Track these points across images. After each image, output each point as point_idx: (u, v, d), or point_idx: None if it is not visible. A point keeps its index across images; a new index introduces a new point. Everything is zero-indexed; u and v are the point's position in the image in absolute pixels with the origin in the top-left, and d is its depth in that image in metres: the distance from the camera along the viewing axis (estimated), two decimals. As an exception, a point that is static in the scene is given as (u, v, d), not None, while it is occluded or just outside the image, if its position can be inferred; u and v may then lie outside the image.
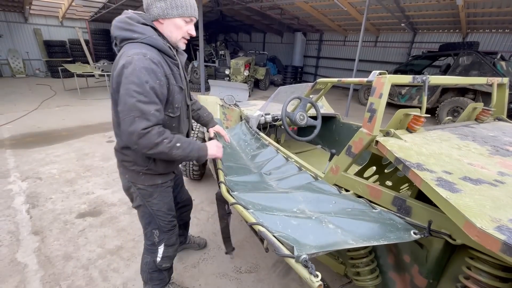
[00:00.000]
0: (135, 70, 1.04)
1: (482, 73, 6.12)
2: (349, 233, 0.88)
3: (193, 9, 1.19)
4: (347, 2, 8.57)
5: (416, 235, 0.88)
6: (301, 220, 0.96)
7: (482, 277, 0.86)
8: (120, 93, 1.07)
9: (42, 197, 2.82)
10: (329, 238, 0.85)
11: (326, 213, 1.03)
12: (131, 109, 1.05)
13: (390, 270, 1.28)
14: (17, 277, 1.87)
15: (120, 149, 1.31)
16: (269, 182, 1.45)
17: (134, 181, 1.34)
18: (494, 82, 1.61)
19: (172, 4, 1.13)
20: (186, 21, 1.19)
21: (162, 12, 1.14)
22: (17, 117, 5.45)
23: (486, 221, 0.66)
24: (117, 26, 1.14)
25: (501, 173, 0.90)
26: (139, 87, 1.04)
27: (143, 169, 1.30)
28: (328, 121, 3.02)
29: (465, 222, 0.68)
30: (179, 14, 1.15)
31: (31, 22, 10.89)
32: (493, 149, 1.14)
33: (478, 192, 0.78)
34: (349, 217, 0.99)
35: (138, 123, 1.05)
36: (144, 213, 1.44)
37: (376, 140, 1.17)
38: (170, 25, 1.17)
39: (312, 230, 0.88)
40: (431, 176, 0.86)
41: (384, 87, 1.16)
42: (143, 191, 1.36)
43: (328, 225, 0.92)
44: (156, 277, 1.61)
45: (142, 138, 1.06)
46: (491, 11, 7.30)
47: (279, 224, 0.92)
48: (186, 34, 1.22)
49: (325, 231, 0.89)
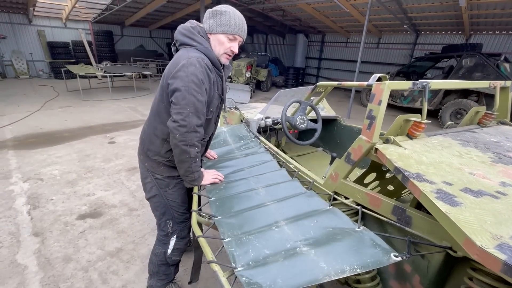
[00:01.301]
0: (195, 71, 1.18)
1: (486, 75, 6.07)
2: (323, 261, 0.86)
3: (238, 28, 1.29)
4: (349, 4, 8.56)
5: (396, 257, 0.85)
6: (275, 247, 0.95)
7: (484, 288, 0.85)
8: (178, 87, 1.18)
9: (43, 198, 2.83)
10: (297, 271, 0.83)
11: (303, 235, 1.01)
12: (188, 104, 1.18)
13: (391, 279, 1.26)
14: (16, 278, 1.87)
15: (149, 137, 1.40)
16: (257, 189, 1.42)
17: (153, 171, 1.43)
18: (497, 86, 1.59)
19: (217, 21, 1.27)
20: (229, 38, 1.30)
21: (209, 28, 1.29)
22: (20, 118, 5.49)
23: (486, 239, 0.63)
24: (181, 32, 1.29)
25: (503, 183, 0.88)
26: (198, 87, 1.19)
27: (164, 160, 1.40)
28: (329, 124, 3.00)
29: (465, 239, 0.66)
30: (222, 31, 1.27)
31: (35, 24, 10.99)
32: (495, 156, 1.12)
33: (479, 206, 0.75)
34: (327, 238, 0.98)
35: (192, 118, 1.19)
36: (159, 203, 1.50)
37: (375, 148, 1.16)
38: (215, 40, 1.30)
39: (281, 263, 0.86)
40: (431, 187, 0.83)
41: (383, 93, 1.14)
42: (160, 181, 1.44)
43: (301, 254, 0.91)
44: (163, 271, 1.65)
45: (190, 132, 1.21)
46: (495, 12, 7.25)
47: (251, 252, 0.93)
48: (228, 51, 1.32)
49: (295, 262, 0.87)
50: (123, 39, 14.05)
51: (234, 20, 1.27)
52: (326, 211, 1.19)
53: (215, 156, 1.85)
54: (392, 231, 1.19)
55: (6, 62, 10.59)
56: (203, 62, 1.21)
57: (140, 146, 1.48)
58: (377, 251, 0.89)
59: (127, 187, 3.13)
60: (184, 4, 10.99)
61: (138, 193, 3.01)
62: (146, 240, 2.30)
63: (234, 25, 1.27)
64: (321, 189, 1.43)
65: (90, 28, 12.36)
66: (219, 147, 2.08)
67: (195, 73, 1.18)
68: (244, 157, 1.87)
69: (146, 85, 10.12)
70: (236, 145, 2.13)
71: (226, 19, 1.26)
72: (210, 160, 1.80)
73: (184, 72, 1.18)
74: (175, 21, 13.56)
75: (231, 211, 1.23)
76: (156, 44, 15.64)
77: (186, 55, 1.22)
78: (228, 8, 1.28)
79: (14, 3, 9.41)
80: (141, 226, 2.47)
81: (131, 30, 14.17)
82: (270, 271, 0.83)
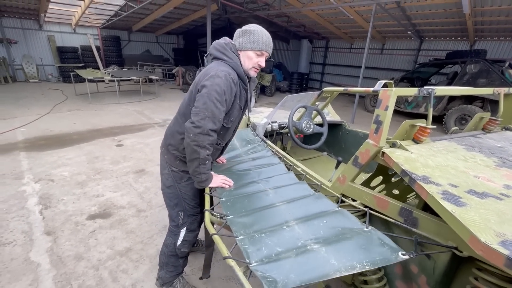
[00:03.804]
0: (220, 82, 1.31)
1: (490, 81, 6.08)
2: (334, 258, 0.89)
3: (265, 44, 1.42)
4: (354, 10, 8.66)
5: (404, 256, 0.89)
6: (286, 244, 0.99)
7: None
8: (202, 93, 1.32)
9: (54, 198, 2.91)
10: (309, 267, 0.86)
11: (314, 235, 1.04)
12: (207, 109, 1.30)
13: (397, 279, 1.29)
14: (30, 275, 1.93)
15: (172, 133, 1.54)
16: (267, 191, 1.47)
17: (170, 163, 1.57)
18: (501, 92, 1.62)
19: (246, 39, 1.41)
20: (257, 54, 1.43)
21: (239, 45, 1.44)
22: (30, 121, 5.62)
23: (490, 236, 0.67)
24: (215, 47, 1.44)
25: (506, 186, 0.91)
26: (219, 96, 1.31)
27: (180, 155, 1.53)
28: (334, 128, 3.04)
29: (470, 237, 0.69)
30: (251, 48, 1.41)
31: (46, 29, 11.28)
32: (500, 160, 1.15)
33: (484, 206, 0.79)
34: (337, 237, 1.01)
35: (207, 122, 1.30)
36: (173, 195, 1.62)
37: (382, 152, 1.20)
38: (244, 56, 1.44)
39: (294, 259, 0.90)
40: (437, 189, 0.87)
41: (390, 99, 1.19)
42: (176, 173, 1.58)
43: (312, 251, 0.94)
44: (172, 263, 1.75)
45: (203, 135, 1.30)
46: (499, 19, 7.28)
47: (264, 250, 0.96)
48: (256, 65, 1.46)
49: (307, 259, 0.90)
50: (130, 44, 14.32)
51: (262, 38, 1.41)
52: (335, 212, 1.22)
53: (224, 160, 1.90)
54: (398, 233, 1.22)
55: (17, 66, 10.85)
56: (229, 77, 1.35)
57: (164, 140, 1.62)
58: (386, 249, 0.92)
59: (135, 189, 3.19)
60: (190, 10, 11.22)
61: (146, 195, 3.07)
62: (154, 240, 2.35)
63: (261, 42, 1.41)
64: (329, 191, 1.47)
65: (98, 33, 12.64)
66: (227, 151, 2.13)
67: (219, 84, 1.31)
68: (252, 160, 1.92)
69: (152, 89, 10.27)
70: (244, 149, 2.18)
71: (254, 37, 1.40)
72: (219, 164, 1.85)
73: (210, 81, 1.31)
74: (181, 27, 13.82)
75: (242, 211, 1.28)
76: (162, 49, 15.89)
77: (216, 68, 1.36)
78: (256, 28, 1.42)
79: (26, 10, 9.69)
80: (149, 227, 2.52)
81: (138, 35, 14.45)
82: (283, 266, 0.87)
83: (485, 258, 0.66)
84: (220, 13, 10.36)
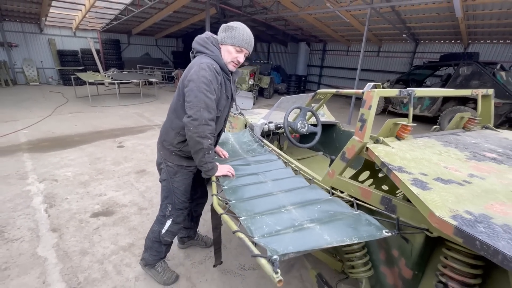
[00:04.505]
0: (205, 74, 1.40)
1: (482, 83, 6.24)
2: (326, 234, 1.00)
3: (245, 42, 1.51)
4: (350, 14, 8.84)
5: (387, 233, 1.01)
6: (284, 224, 1.10)
7: (456, 264, 0.99)
8: (191, 87, 1.40)
9: (58, 197, 3.00)
10: (305, 240, 0.98)
11: (309, 217, 1.16)
12: (200, 101, 1.38)
13: (381, 264, 1.40)
14: (38, 269, 2.03)
15: (165, 129, 1.64)
16: (266, 182, 1.59)
17: (165, 158, 1.66)
18: (479, 94, 1.75)
19: (228, 35, 1.50)
20: (236, 50, 1.52)
21: (221, 39, 1.53)
22: (32, 123, 5.72)
23: (444, 212, 0.79)
24: (197, 42, 1.54)
25: (471, 175, 1.03)
26: (207, 86, 1.40)
27: (175, 150, 1.62)
28: (329, 129, 3.16)
29: (429, 213, 0.82)
30: (231, 43, 1.50)
31: (46, 33, 11.41)
32: (471, 154, 1.27)
33: (445, 190, 0.91)
34: (329, 219, 1.13)
35: (203, 113, 1.39)
36: (165, 188, 1.73)
37: (366, 147, 1.32)
38: (225, 50, 1.53)
39: (292, 234, 1.01)
40: (408, 177, 0.99)
41: (373, 100, 1.31)
42: (170, 168, 1.67)
43: (307, 228, 1.06)
44: (155, 248, 1.87)
45: (202, 125, 1.39)
46: (491, 22, 7.47)
47: (265, 228, 1.08)
48: (235, 60, 1.54)
49: (303, 234, 1.02)
50: (129, 47, 14.47)
51: (242, 35, 1.49)
52: (328, 200, 1.35)
53: (226, 155, 2.01)
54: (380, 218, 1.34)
55: (18, 69, 10.96)
56: (212, 67, 1.44)
57: (159, 137, 1.72)
58: (372, 228, 1.05)
59: (137, 188, 3.29)
60: (189, 14, 11.38)
61: (147, 194, 3.17)
62: (156, 236, 2.45)
63: (242, 39, 1.49)
64: (320, 185, 1.59)
65: (98, 36, 12.78)
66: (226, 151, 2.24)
67: (205, 75, 1.40)
68: (251, 157, 2.04)
69: (152, 92, 10.40)
70: (243, 148, 2.30)
71: (235, 34, 1.49)
72: (221, 159, 1.97)
73: (196, 75, 1.41)
74: (180, 30, 13.98)
75: (243, 197, 1.40)
76: (161, 52, 16.05)
77: (199, 61, 1.45)
78: (239, 25, 1.51)
79: (27, 14, 9.82)
80: (151, 224, 2.58)
81: (138, 38, 14.60)
82: (283, 240, 0.98)
83: (439, 230, 0.78)
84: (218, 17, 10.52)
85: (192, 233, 2.29)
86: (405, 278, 1.24)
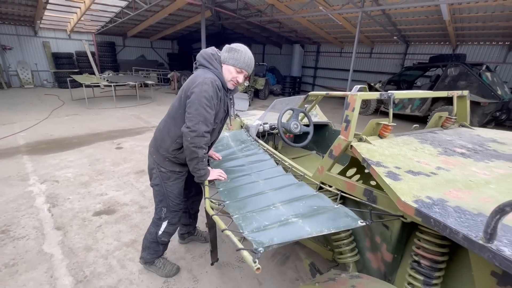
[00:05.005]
0: (208, 89, 1.51)
1: (469, 83, 6.49)
2: (308, 226, 1.14)
3: (246, 65, 1.63)
4: (342, 17, 9.06)
5: (362, 223, 1.16)
6: (272, 219, 1.24)
7: (427, 245, 1.14)
8: (192, 100, 1.50)
9: (60, 197, 3.10)
10: (288, 232, 1.11)
11: (294, 212, 1.31)
12: (199, 114, 1.49)
13: (367, 251, 1.55)
14: (45, 264, 2.13)
15: (162, 136, 1.71)
16: (258, 182, 1.73)
17: (159, 163, 1.73)
18: (454, 95, 1.92)
19: (231, 56, 1.61)
20: (237, 71, 1.63)
21: (224, 59, 1.63)
22: (29, 126, 5.77)
23: (409, 197, 0.94)
24: (203, 56, 1.64)
25: (438, 167, 1.18)
26: (208, 101, 1.51)
27: (170, 156, 1.70)
28: (322, 129, 3.32)
29: (397, 199, 0.96)
30: (233, 64, 1.62)
31: (41, 36, 11.40)
32: (443, 150, 1.43)
33: (414, 180, 1.06)
34: (312, 213, 1.28)
35: (201, 126, 1.50)
36: (159, 192, 1.81)
37: (351, 145, 1.47)
38: (226, 68, 1.64)
39: (277, 229, 1.15)
40: (384, 170, 1.14)
41: (356, 102, 1.47)
42: (163, 173, 1.75)
43: (292, 222, 1.20)
44: (153, 247, 1.97)
45: (199, 137, 1.51)
46: (477, 25, 7.75)
47: (254, 223, 1.22)
48: (235, 79, 1.66)
49: (287, 228, 1.15)
50: (125, 49, 14.50)
51: (244, 58, 1.61)
52: (313, 195, 1.49)
53: (220, 157, 2.14)
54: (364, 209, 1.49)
55: (12, 72, 10.92)
56: (215, 83, 1.55)
57: (153, 141, 1.78)
58: (348, 219, 1.19)
59: (137, 188, 3.40)
60: (184, 17, 11.48)
61: (147, 193, 3.28)
62: (157, 233, 2.56)
63: (243, 62, 1.62)
64: (310, 180, 1.73)
65: (93, 39, 12.79)
66: (223, 149, 2.37)
67: (207, 91, 1.50)
68: (245, 157, 2.17)
69: (148, 94, 10.46)
70: (238, 147, 2.43)
71: (238, 56, 1.60)
72: (216, 160, 2.10)
73: (199, 88, 1.50)
74: (175, 32, 14.06)
75: (237, 197, 1.53)
76: (157, 54, 16.10)
77: (203, 75, 1.55)
78: (242, 48, 1.63)
79: (21, 17, 9.82)
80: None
81: (133, 41, 14.64)
82: (269, 233, 1.12)
83: (404, 212, 0.93)
84: (214, 19, 10.66)
85: (191, 229, 2.42)
86: (387, 261, 1.39)
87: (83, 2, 8.68)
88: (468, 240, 0.73)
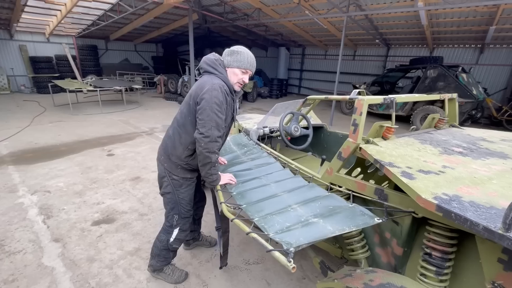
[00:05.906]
0: (218, 94, 1.53)
1: (447, 84, 6.90)
2: (329, 225, 1.21)
3: (249, 64, 1.66)
4: (327, 21, 9.32)
5: (378, 220, 1.25)
6: (293, 220, 1.30)
7: (437, 237, 1.24)
8: (203, 106, 1.52)
9: (54, 208, 2.98)
10: (313, 232, 1.17)
11: (312, 212, 1.37)
12: (211, 120, 1.51)
13: (376, 246, 1.63)
14: (47, 278, 2.05)
15: (173, 144, 1.70)
16: (269, 185, 1.77)
17: (170, 171, 1.74)
18: (445, 98, 2.07)
19: (234, 58, 1.64)
20: (242, 72, 1.66)
21: (227, 63, 1.66)
22: (11, 134, 5.48)
23: (428, 194, 1.03)
24: (207, 63, 1.65)
25: (444, 166, 1.29)
26: (219, 107, 1.53)
27: (182, 163, 1.72)
28: (317, 131, 3.42)
29: (417, 196, 1.05)
30: (237, 66, 1.64)
31: (17, 39, 10.85)
32: (443, 150, 1.55)
33: (427, 179, 1.15)
34: (330, 213, 1.35)
35: (214, 131, 1.53)
36: (171, 200, 1.81)
37: (360, 147, 1.55)
38: (231, 72, 1.66)
39: (301, 229, 1.21)
40: (398, 170, 1.23)
41: (363, 107, 1.56)
42: (175, 181, 1.76)
43: (313, 222, 1.26)
44: (163, 255, 1.97)
45: (212, 142, 1.53)
46: (452, 29, 8.26)
47: (277, 225, 1.27)
48: (241, 81, 1.69)
49: (310, 228, 1.22)
50: (107, 53, 14.09)
51: (247, 58, 1.65)
52: (326, 196, 1.56)
53: (225, 161, 2.17)
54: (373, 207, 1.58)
55: (-15, 77, 10.31)
56: (223, 88, 1.58)
57: (163, 149, 1.77)
58: (365, 217, 1.27)
59: (134, 195, 3.34)
60: (170, 20, 11.36)
61: (146, 200, 3.23)
62: (161, 240, 2.54)
63: (247, 62, 1.65)
64: (320, 181, 1.80)
65: (74, 42, 12.34)
66: (226, 154, 2.40)
67: (217, 96, 1.53)
68: (251, 161, 2.21)
69: (134, 98, 10.23)
70: (241, 151, 2.47)
71: (241, 57, 1.64)
72: (223, 165, 2.12)
73: (208, 94, 1.52)
74: (160, 35, 13.85)
75: (252, 200, 1.57)
76: (141, 57, 15.77)
77: (211, 81, 1.56)
78: (242, 49, 1.66)
79: (-4, 19, 9.31)
80: (154, 228, 2.71)
81: (116, 44, 14.26)
82: (294, 234, 1.17)
83: (425, 209, 1.01)
84: (200, 22, 10.61)
85: (196, 235, 2.42)
86: (397, 255, 1.48)
87: (64, 5, 8.36)
88: (489, 231, 0.81)
